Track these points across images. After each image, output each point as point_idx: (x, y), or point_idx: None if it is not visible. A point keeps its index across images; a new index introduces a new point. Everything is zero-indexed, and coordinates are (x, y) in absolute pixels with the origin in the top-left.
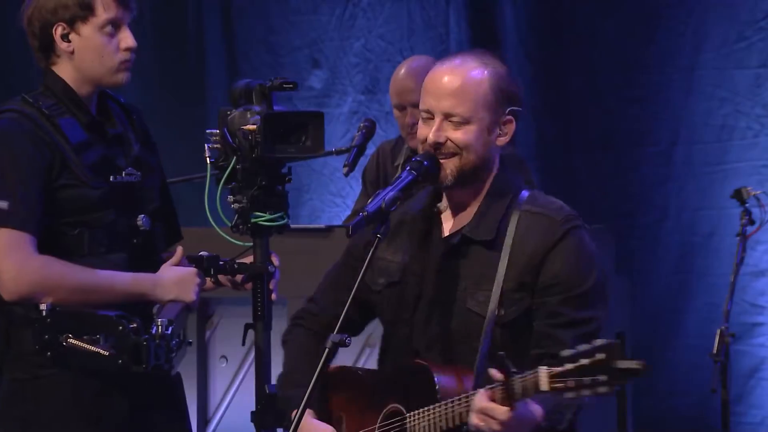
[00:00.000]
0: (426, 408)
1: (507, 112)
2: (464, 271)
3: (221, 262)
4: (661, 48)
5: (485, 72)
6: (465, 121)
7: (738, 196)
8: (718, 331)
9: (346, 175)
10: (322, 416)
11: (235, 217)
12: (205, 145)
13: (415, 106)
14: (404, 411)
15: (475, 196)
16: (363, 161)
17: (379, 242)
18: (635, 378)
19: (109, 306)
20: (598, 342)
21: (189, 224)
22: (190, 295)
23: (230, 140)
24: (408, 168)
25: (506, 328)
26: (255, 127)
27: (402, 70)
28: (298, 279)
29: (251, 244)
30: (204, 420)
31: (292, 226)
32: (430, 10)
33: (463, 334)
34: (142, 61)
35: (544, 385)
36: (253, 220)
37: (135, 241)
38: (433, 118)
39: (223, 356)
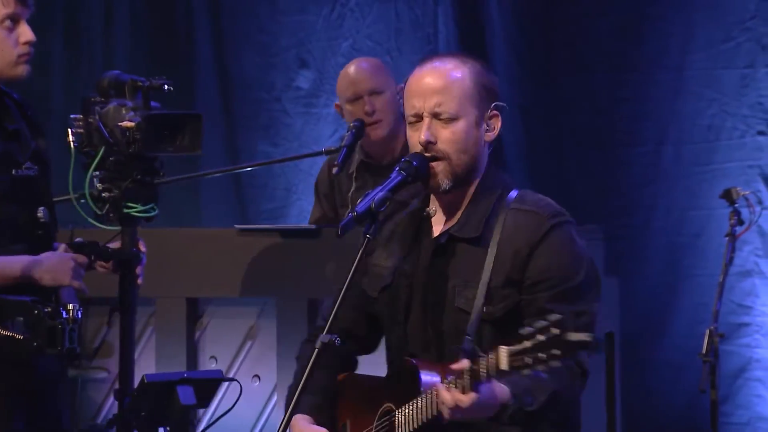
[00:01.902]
0: (410, 402)
1: (492, 107)
2: (453, 270)
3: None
4: (649, 48)
5: (466, 68)
6: (453, 118)
7: (727, 196)
8: (707, 331)
9: (336, 175)
10: (329, 423)
11: (106, 207)
12: (69, 129)
13: (372, 93)
14: (394, 408)
15: (465, 196)
16: (315, 170)
17: (368, 242)
18: (589, 352)
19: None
20: (552, 317)
21: (181, 224)
22: (66, 278)
23: (105, 134)
24: (397, 168)
25: (495, 324)
26: (133, 124)
27: (351, 67)
28: (286, 279)
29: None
30: (194, 419)
31: (281, 226)
32: (417, 10)
33: (454, 332)
34: (133, 61)
35: (504, 364)
36: (125, 211)
37: (37, 232)
38: (420, 121)
39: (213, 356)
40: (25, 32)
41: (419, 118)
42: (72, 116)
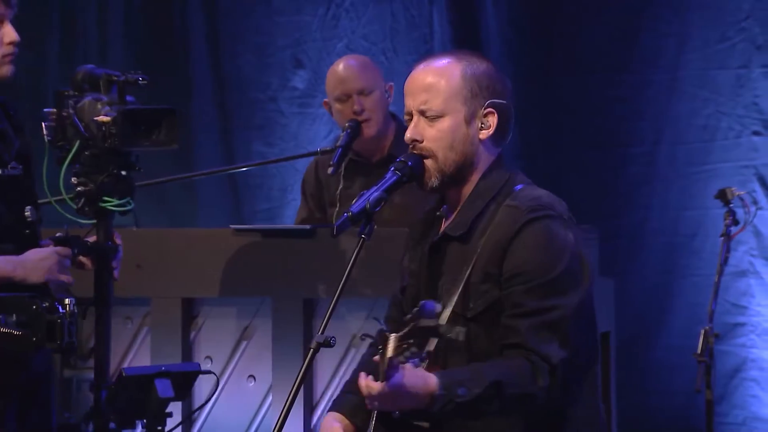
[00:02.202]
0: None
1: (487, 104)
2: (445, 269)
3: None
4: (644, 48)
5: (458, 65)
6: (439, 115)
7: (722, 196)
8: (703, 331)
9: (331, 175)
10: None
11: (82, 201)
12: (43, 123)
13: (361, 92)
14: None
15: (464, 194)
16: (302, 168)
17: (363, 242)
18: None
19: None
20: (420, 304)
21: (177, 224)
22: (53, 274)
23: (81, 128)
24: (392, 168)
25: (477, 321)
26: (109, 119)
27: (340, 65)
28: (282, 279)
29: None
30: (189, 420)
31: (277, 226)
32: (413, 10)
33: None
34: (129, 62)
35: (390, 351)
36: (101, 205)
37: (25, 231)
38: (412, 119)
39: (208, 356)
40: (9, 32)
41: (411, 116)
42: (45, 110)
